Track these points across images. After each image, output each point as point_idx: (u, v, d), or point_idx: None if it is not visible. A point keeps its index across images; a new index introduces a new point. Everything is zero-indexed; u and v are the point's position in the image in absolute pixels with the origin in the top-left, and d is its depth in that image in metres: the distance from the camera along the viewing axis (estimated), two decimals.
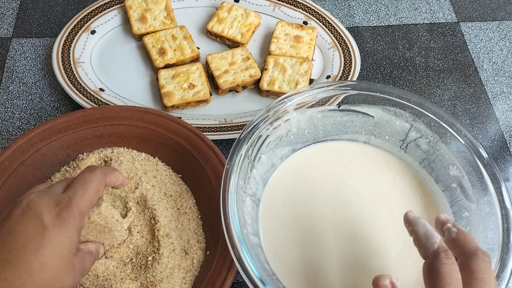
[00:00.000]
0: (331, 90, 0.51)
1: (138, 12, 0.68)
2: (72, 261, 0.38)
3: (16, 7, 0.73)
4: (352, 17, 0.76)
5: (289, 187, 0.51)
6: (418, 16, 0.77)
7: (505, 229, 0.43)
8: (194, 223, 0.51)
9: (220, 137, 0.59)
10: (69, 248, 0.37)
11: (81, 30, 0.67)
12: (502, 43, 0.75)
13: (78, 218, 0.38)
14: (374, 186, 0.52)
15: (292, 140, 0.53)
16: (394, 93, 0.51)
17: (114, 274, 0.45)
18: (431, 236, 0.37)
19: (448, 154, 0.50)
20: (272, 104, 0.49)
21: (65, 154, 0.53)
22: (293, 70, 0.65)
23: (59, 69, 0.63)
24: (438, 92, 0.69)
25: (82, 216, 0.39)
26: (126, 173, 0.51)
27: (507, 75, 0.71)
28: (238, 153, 0.46)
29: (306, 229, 0.49)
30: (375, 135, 0.55)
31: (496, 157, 0.64)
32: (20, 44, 0.69)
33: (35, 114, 0.63)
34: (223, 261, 0.46)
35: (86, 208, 0.39)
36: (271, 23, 0.71)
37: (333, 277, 0.46)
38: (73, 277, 0.38)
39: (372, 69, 0.71)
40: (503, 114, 0.68)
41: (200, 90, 0.62)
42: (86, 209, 0.39)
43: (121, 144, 0.55)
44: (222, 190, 0.43)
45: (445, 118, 0.50)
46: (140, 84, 0.65)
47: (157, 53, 0.65)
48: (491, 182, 0.46)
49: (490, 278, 0.34)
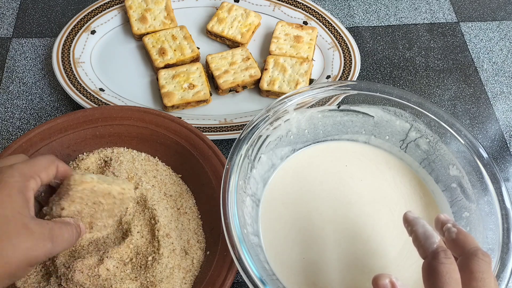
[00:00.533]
0: (331, 90, 0.51)
1: (138, 12, 0.69)
2: (23, 221, 0.35)
3: (16, 7, 0.73)
4: (352, 17, 0.76)
5: (289, 187, 0.52)
6: (418, 16, 0.77)
7: (505, 229, 0.43)
8: (194, 223, 0.51)
9: (220, 137, 0.59)
10: (12, 208, 0.35)
11: (81, 30, 0.67)
12: (502, 43, 0.75)
13: (18, 177, 0.37)
14: (374, 186, 0.52)
15: (292, 140, 0.53)
16: (394, 93, 0.51)
17: (114, 274, 0.45)
18: (430, 236, 0.37)
19: (448, 154, 0.50)
20: (272, 104, 0.49)
21: (65, 154, 0.53)
22: (293, 70, 0.65)
23: (59, 69, 0.63)
24: (438, 92, 0.69)
25: (23, 176, 0.37)
26: (126, 173, 0.51)
27: (507, 75, 0.71)
28: (238, 153, 0.46)
29: (306, 229, 0.49)
30: (375, 135, 0.55)
31: (496, 157, 0.64)
32: (20, 44, 0.69)
33: (35, 114, 0.63)
34: (223, 261, 0.46)
35: (28, 172, 0.38)
36: (271, 23, 0.71)
37: (333, 277, 0.46)
38: (30, 239, 0.35)
39: (372, 69, 0.71)
40: (503, 114, 0.68)
41: (200, 90, 0.62)
42: (28, 173, 0.38)
43: (121, 144, 0.55)
44: (222, 190, 0.43)
45: (445, 118, 0.50)
46: (140, 84, 0.65)
47: (157, 53, 0.65)
48: (491, 182, 0.46)
49: (490, 278, 0.34)
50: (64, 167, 0.42)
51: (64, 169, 0.42)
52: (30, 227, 0.36)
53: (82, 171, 0.52)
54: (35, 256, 0.36)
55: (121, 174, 0.50)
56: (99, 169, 0.53)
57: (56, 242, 0.37)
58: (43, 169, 0.39)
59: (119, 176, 0.50)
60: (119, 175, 0.50)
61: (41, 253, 0.36)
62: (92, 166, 0.53)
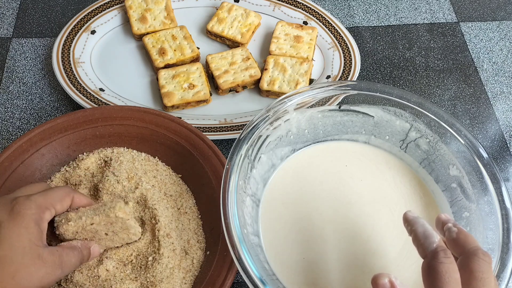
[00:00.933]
0: (331, 90, 0.51)
1: (138, 12, 0.69)
2: (38, 252, 0.38)
3: (16, 7, 0.73)
4: (352, 17, 0.76)
5: (289, 187, 0.51)
6: (418, 16, 0.77)
7: (505, 229, 0.43)
8: (194, 223, 0.51)
9: (220, 137, 0.59)
10: (29, 239, 0.38)
11: (81, 30, 0.67)
12: (502, 43, 0.75)
13: (34, 209, 0.39)
14: (374, 186, 0.52)
15: (292, 140, 0.53)
16: (394, 93, 0.51)
17: (114, 275, 0.45)
18: (430, 236, 0.37)
19: (448, 154, 0.50)
20: (272, 104, 0.49)
21: (65, 154, 0.53)
22: (293, 70, 0.65)
23: (59, 69, 0.63)
24: (438, 92, 0.69)
25: (39, 208, 0.40)
26: (126, 173, 0.51)
27: (507, 75, 0.71)
28: (238, 153, 0.46)
29: (306, 229, 0.49)
30: (375, 135, 0.55)
31: (496, 157, 0.64)
32: (20, 44, 0.69)
33: (35, 114, 0.63)
34: (223, 261, 0.46)
35: (44, 204, 0.40)
36: (271, 23, 0.71)
37: (333, 277, 0.46)
38: (44, 268, 0.38)
39: (372, 69, 0.71)
40: (503, 114, 0.68)
41: (200, 90, 0.62)
42: (44, 204, 0.40)
43: (121, 144, 0.55)
44: (222, 190, 0.43)
45: (445, 118, 0.50)
46: (140, 84, 0.65)
47: (157, 53, 0.65)
48: (491, 182, 0.46)
49: (490, 278, 0.34)
50: (80, 198, 0.44)
51: (80, 201, 0.44)
52: (44, 257, 0.38)
53: (82, 170, 0.52)
54: (48, 283, 0.39)
55: (121, 174, 0.50)
56: (99, 169, 0.53)
57: (64, 267, 0.40)
58: (59, 201, 0.42)
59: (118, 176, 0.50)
60: (119, 175, 0.50)
61: (52, 280, 0.39)
62: (92, 166, 0.53)
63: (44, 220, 0.40)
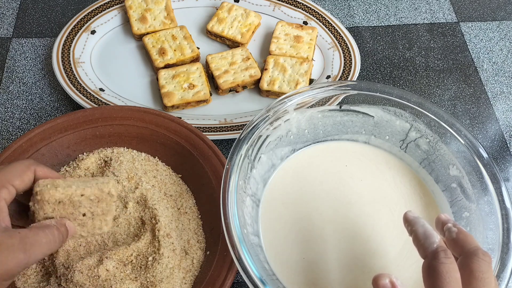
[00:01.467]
0: (331, 90, 0.51)
1: (138, 12, 0.69)
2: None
3: (16, 7, 0.73)
4: (352, 17, 0.76)
5: (289, 187, 0.51)
6: (418, 16, 0.77)
7: (505, 229, 0.43)
8: (194, 223, 0.51)
9: (220, 137, 0.59)
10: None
11: (81, 30, 0.67)
12: (502, 43, 0.75)
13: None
14: (374, 186, 0.52)
15: (292, 140, 0.53)
16: (394, 93, 0.51)
17: (114, 275, 0.45)
18: (430, 236, 0.37)
19: (448, 154, 0.50)
20: (272, 104, 0.49)
21: (65, 154, 0.53)
22: (293, 70, 0.65)
23: (59, 69, 0.63)
24: (438, 92, 0.69)
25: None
26: (126, 173, 0.51)
27: (507, 75, 0.71)
28: (238, 153, 0.46)
29: (306, 229, 0.49)
30: (375, 135, 0.55)
31: (496, 157, 0.64)
32: (20, 44, 0.69)
33: (35, 114, 0.63)
34: (223, 261, 0.46)
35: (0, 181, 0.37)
36: (271, 23, 0.71)
37: (333, 277, 0.46)
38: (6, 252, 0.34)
39: (372, 69, 0.71)
40: (503, 114, 0.68)
41: (200, 90, 0.62)
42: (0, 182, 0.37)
43: (121, 144, 0.55)
44: (222, 190, 0.43)
45: (445, 118, 0.50)
46: (140, 84, 0.65)
47: (157, 53, 0.65)
48: (491, 182, 0.46)
49: (490, 278, 0.34)
50: (43, 170, 0.40)
51: (44, 173, 0.40)
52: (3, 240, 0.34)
53: (82, 170, 0.52)
54: (6, 270, 0.34)
55: (121, 174, 0.50)
56: (99, 169, 0.53)
57: (30, 250, 0.35)
58: (17, 176, 0.38)
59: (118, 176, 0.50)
60: (119, 175, 0.50)
61: (12, 266, 0.34)
62: (92, 166, 0.53)
63: (1, 199, 0.36)
